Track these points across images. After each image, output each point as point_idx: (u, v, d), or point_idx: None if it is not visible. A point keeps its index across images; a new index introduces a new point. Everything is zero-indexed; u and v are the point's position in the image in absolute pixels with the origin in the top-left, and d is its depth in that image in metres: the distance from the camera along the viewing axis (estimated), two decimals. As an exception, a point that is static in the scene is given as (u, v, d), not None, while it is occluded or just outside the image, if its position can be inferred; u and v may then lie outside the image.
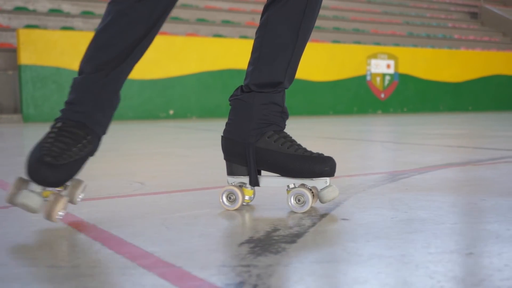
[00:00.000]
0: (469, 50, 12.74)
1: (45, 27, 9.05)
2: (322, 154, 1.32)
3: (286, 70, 1.35)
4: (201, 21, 11.03)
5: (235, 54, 9.27)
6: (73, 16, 9.80)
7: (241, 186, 1.37)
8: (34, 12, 9.56)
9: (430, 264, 0.89)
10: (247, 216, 1.30)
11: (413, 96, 11.35)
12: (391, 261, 0.91)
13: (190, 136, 4.76)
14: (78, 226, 1.20)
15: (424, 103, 11.50)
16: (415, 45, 12.53)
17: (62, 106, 1.26)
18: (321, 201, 1.32)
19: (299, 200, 1.30)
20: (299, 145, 1.34)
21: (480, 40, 14.63)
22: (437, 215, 1.27)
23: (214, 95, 9.14)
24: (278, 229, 1.15)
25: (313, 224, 1.19)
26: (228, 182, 1.38)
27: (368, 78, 10.70)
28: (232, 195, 1.34)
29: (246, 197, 1.37)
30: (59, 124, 1.21)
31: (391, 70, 10.96)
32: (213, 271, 0.87)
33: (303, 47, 1.37)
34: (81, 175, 2.07)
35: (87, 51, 1.24)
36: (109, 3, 1.25)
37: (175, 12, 10.84)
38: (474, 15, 16.98)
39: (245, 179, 1.36)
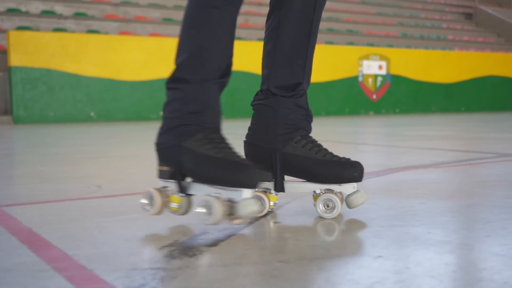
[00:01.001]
0: (462, 51, 12.77)
1: (37, 29, 9.07)
2: (349, 159, 1.31)
3: (304, 71, 1.36)
4: (193, 22, 11.02)
5: (226, 55, 9.27)
6: (66, 17, 9.82)
7: (265, 192, 1.34)
8: (26, 13, 9.58)
9: (334, 268, 0.92)
10: (183, 219, 1.31)
11: (405, 97, 11.37)
12: (297, 265, 0.94)
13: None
14: (13, 229, 1.23)
15: (416, 104, 11.52)
16: (408, 46, 12.54)
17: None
18: (349, 207, 1.31)
19: (327, 206, 1.30)
20: (326, 149, 1.33)
21: (474, 41, 14.66)
22: (369, 218, 1.29)
23: (205, 96, 9.14)
24: (207, 233, 1.17)
25: (244, 227, 1.22)
26: None
27: (360, 79, 10.72)
28: (258, 202, 1.34)
29: (271, 203, 1.36)
30: (200, 135, 1.19)
31: (383, 71, 10.99)
32: (121, 274, 0.89)
33: (314, 45, 1.38)
34: (45, 177, 2.09)
35: (192, 60, 1.22)
36: (205, 7, 1.21)
37: (167, 13, 10.86)
38: (468, 16, 17.00)
39: (270, 185, 1.34)
